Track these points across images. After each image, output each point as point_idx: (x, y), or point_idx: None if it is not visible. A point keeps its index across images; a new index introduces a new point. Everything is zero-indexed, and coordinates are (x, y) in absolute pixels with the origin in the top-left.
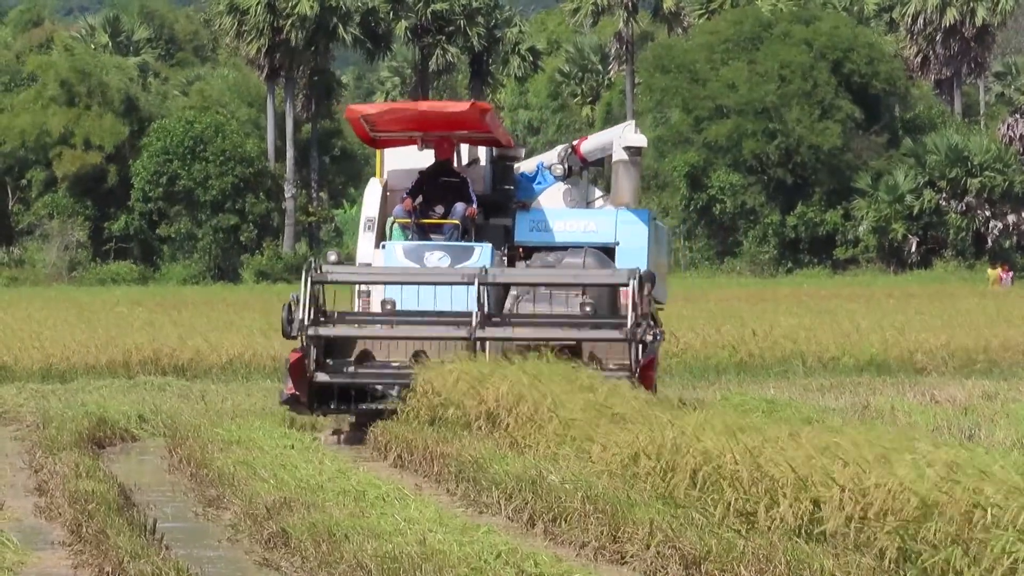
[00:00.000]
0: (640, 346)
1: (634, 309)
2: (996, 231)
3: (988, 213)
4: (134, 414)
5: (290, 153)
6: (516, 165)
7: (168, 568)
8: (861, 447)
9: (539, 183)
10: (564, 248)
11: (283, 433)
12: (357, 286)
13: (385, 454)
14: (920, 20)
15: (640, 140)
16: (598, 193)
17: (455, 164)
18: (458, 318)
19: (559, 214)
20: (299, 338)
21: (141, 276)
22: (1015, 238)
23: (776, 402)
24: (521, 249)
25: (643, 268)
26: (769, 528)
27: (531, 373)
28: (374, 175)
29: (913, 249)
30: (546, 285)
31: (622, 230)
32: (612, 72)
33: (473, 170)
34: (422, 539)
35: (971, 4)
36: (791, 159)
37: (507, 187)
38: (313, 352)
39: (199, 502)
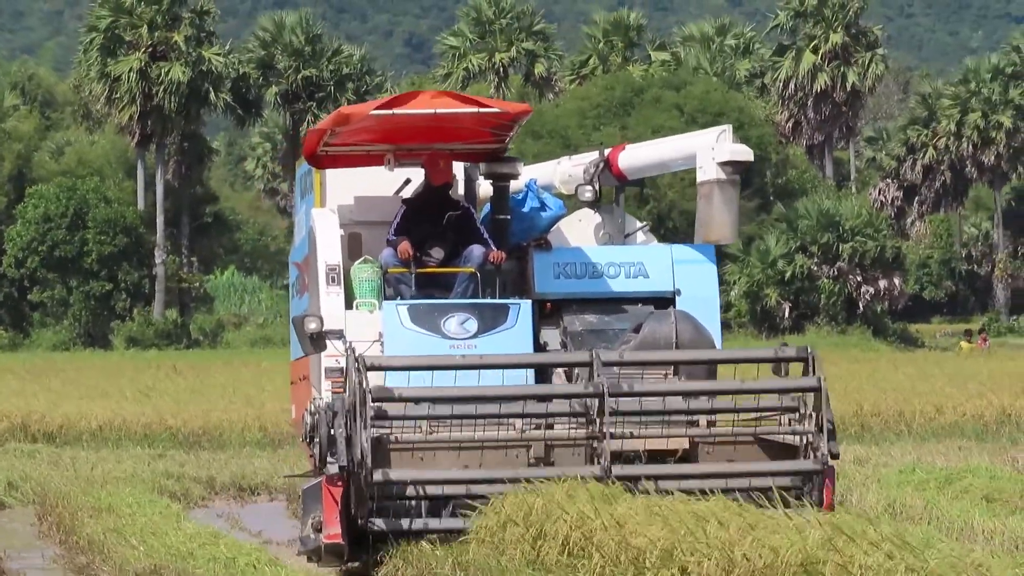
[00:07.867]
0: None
1: (824, 403)
2: (868, 296)
3: (860, 278)
4: (3, 481)
5: (160, 219)
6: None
7: None
8: (730, 514)
9: (537, 209)
10: (608, 301)
11: (151, 500)
12: (320, 362)
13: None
14: (791, 85)
15: (745, 153)
16: (638, 224)
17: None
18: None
19: (594, 254)
20: (348, 472)
21: (11, 343)
22: (886, 303)
23: None
24: (547, 304)
25: (716, 324)
26: None
27: None
28: (313, 204)
29: (786, 314)
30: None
31: (683, 274)
32: None
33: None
34: None
35: (842, 68)
36: (663, 224)
37: (502, 216)
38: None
39: (69, 569)
